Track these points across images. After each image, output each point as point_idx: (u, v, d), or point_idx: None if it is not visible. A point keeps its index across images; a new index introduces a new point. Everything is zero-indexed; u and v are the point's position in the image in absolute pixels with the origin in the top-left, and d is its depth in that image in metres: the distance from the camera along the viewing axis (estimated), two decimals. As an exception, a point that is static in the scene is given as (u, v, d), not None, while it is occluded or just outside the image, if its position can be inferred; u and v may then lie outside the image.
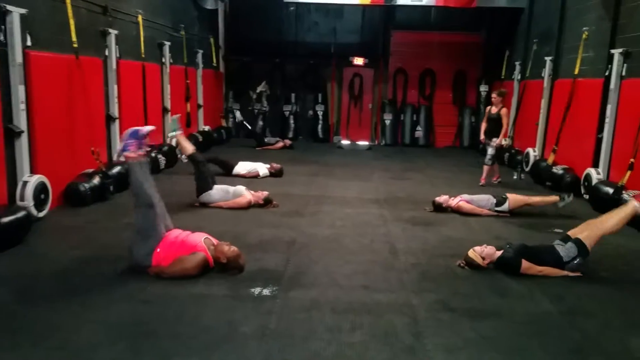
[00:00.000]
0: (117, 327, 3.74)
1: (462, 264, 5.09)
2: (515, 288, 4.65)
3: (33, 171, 6.44)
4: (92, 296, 4.25)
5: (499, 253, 5.00)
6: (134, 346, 3.50)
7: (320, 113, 15.77)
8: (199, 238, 4.86)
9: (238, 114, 9.84)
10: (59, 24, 7.01)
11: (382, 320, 3.96)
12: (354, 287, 4.59)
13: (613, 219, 5.06)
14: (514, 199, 7.31)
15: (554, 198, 7.32)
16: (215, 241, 4.94)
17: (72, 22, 7.07)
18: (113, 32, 8.43)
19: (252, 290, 4.47)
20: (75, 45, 7.16)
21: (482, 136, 9.80)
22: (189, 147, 7.43)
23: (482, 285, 4.72)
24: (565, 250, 4.96)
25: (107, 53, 8.42)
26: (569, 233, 5.15)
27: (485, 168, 9.54)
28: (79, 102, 7.39)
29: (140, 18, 9.42)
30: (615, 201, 7.15)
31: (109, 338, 3.59)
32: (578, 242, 4.97)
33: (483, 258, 5.00)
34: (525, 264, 4.86)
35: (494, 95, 9.71)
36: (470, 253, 5.07)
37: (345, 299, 4.32)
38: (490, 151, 9.42)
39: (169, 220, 4.96)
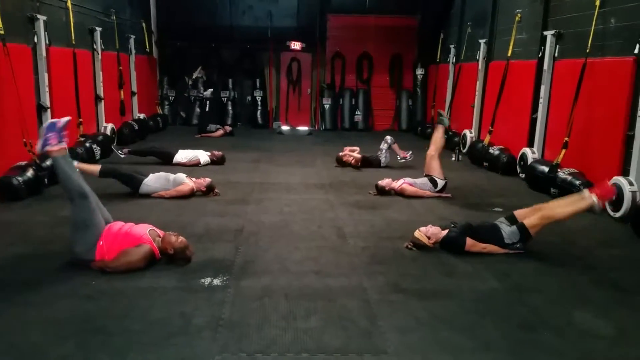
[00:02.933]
0: (64, 325, 3.58)
1: (409, 245, 5.17)
2: (461, 267, 4.76)
3: (-42, 165, 6.10)
4: (33, 294, 4.05)
5: (444, 232, 5.11)
6: (84, 344, 3.36)
7: (258, 99, 15.65)
8: (144, 230, 4.72)
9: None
10: (-19, 10, 6.63)
11: (335, 305, 3.97)
12: (306, 273, 4.58)
13: (566, 210, 5.01)
14: (431, 169, 7.53)
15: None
16: (160, 232, 4.81)
17: (-3, 6, 6.71)
18: (41, 18, 8.04)
19: (203, 280, 4.38)
20: (2, 32, 6.78)
21: None
22: (94, 169, 7.09)
23: (430, 265, 4.81)
24: (508, 233, 5.07)
25: (35, 40, 8.02)
26: (516, 214, 5.19)
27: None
28: (7, 91, 7.03)
29: (69, 3, 9.01)
30: (551, 179, 7.45)
31: (56, 337, 3.43)
32: (522, 228, 5.03)
33: (429, 237, 5.09)
34: (469, 241, 4.98)
35: None
36: (416, 233, 5.15)
37: (298, 285, 4.31)
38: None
39: (106, 212, 4.79)
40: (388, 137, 9.64)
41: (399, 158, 9.70)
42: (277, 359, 3.26)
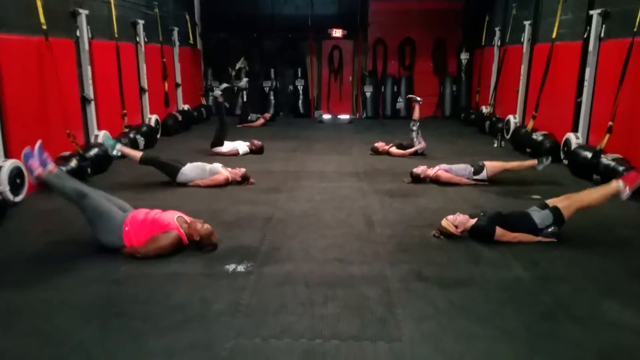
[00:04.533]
0: (88, 310, 3.70)
1: (436, 234, 5.09)
2: (488, 255, 4.66)
3: (7, 156, 6.36)
4: (65, 280, 4.20)
5: (473, 221, 4.99)
6: (105, 327, 3.48)
7: (300, 88, 15.64)
8: (172, 216, 4.81)
9: (217, 91, 9.58)
10: (25, 5, 6.84)
11: (355, 292, 3.95)
12: (329, 261, 4.58)
13: (594, 195, 5.05)
14: (491, 166, 7.31)
15: (531, 162, 7.32)
16: (188, 219, 4.90)
17: (39, 3, 6.90)
18: (83, 12, 8.24)
19: (227, 267, 4.44)
20: (44, 27, 7.00)
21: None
22: (136, 154, 7.27)
23: (456, 253, 4.72)
24: (540, 217, 4.95)
25: (78, 34, 8.25)
26: (548, 201, 5.13)
27: None
28: (51, 84, 7.25)
29: (111, -4, 9.23)
30: (594, 165, 7.18)
31: (80, 321, 3.55)
32: (555, 211, 4.96)
33: (456, 226, 5.00)
34: (499, 230, 4.86)
35: None
36: (444, 222, 5.06)
37: (319, 273, 4.31)
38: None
39: (119, 201, 4.93)
40: (411, 125, 9.54)
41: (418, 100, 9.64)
42: (291, 345, 3.28)
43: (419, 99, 9.68)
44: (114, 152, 7.38)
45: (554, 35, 9.33)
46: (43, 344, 3.29)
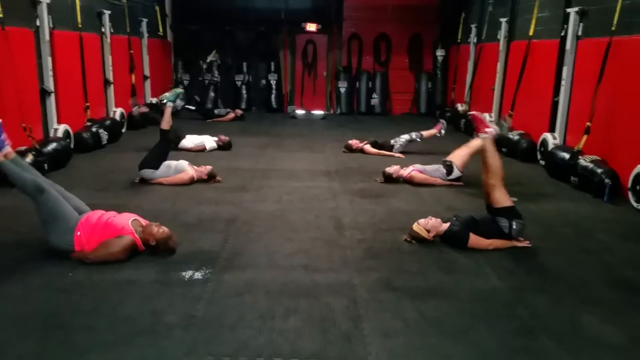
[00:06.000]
0: (28, 320, 3.39)
1: (407, 239, 4.83)
2: (463, 263, 4.41)
3: (-46, 150, 5.94)
4: (8, 286, 3.87)
5: (446, 226, 4.75)
6: (44, 342, 3.16)
7: (273, 82, 15.28)
8: (126, 220, 4.47)
9: (178, 101, 9.03)
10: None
11: (319, 304, 3.67)
12: (294, 267, 4.29)
13: (494, 160, 4.80)
14: (457, 158, 7.05)
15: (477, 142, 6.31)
16: (144, 222, 4.57)
17: (-6, -10, 6.53)
18: (44, 1, 7.84)
19: (184, 274, 4.13)
20: (0, 15, 6.61)
21: None
22: (168, 123, 6.89)
23: (429, 261, 4.47)
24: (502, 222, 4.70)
25: (38, 23, 7.84)
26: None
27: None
28: (7, 76, 6.86)
29: (75, -14, 8.80)
30: (572, 167, 7.01)
31: (18, 333, 3.24)
32: (502, 210, 4.68)
33: (428, 231, 4.74)
34: (473, 237, 4.61)
35: None
36: (415, 226, 4.80)
37: (282, 281, 4.03)
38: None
39: (78, 201, 4.59)
40: (414, 133, 9.17)
41: (438, 135, 9.24)
42: (246, 364, 2.99)
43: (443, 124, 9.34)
44: (168, 99, 7.03)
45: (531, 33, 9.17)
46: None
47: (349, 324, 3.41)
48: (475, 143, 4.66)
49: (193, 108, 13.05)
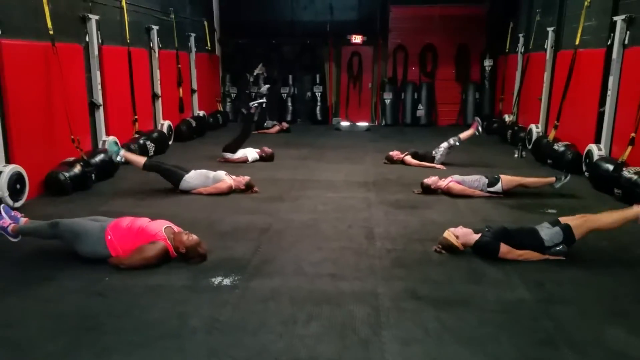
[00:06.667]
0: (63, 321, 3.57)
1: (438, 249, 4.79)
2: (491, 274, 4.35)
3: (9, 161, 6.30)
4: (48, 288, 4.08)
5: (477, 236, 4.69)
6: (75, 341, 3.32)
7: (318, 94, 15.42)
8: (160, 227, 4.63)
9: (254, 103, 9.31)
10: (32, 10, 6.81)
11: (341, 311, 3.71)
12: (320, 276, 4.34)
13: (611, 218, 4.70)
14: (507, 179, 6.95)
15: (549, 179, 6.96)
16: (177, 229, 4.72)
17: (46, 7, 6.85)
18: (94, 18, 8.20)
19: (213, 280, 4.25)
20: (51, 32, 6.94)
21: None
22: (139, 160, 7.16)
23: (457, 271, 4.43)
24: (549, 234, 4.62)
25: (87, 39, 8.21)
26: (561, 219, 4.79)
27: None
28: (57, 90, 7.18)
29: (124, 2, 9.15)
30: (615, 179, 6.79)
31: (51, 333, 3.42)
32: (566, 229, 4.61)
33: (457, 237, 4.70)
34: (504, 247, 4.55)
35: None
36: (445, 233, 4.78)
37: (308, 288, 4.08)
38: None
39: (95, 217, 4.89)
40: (451, 139, 9.13)
41: (476, 134, 9.26)
42: (263, 368, 3.05)
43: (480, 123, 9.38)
44: (118, 159, 7.25)
45: (577, 42, 8.95)
46: (7, 355, 3.16)
47: (368, 331, 3.42)
48: (630, 213, 4.57)
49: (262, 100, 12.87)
